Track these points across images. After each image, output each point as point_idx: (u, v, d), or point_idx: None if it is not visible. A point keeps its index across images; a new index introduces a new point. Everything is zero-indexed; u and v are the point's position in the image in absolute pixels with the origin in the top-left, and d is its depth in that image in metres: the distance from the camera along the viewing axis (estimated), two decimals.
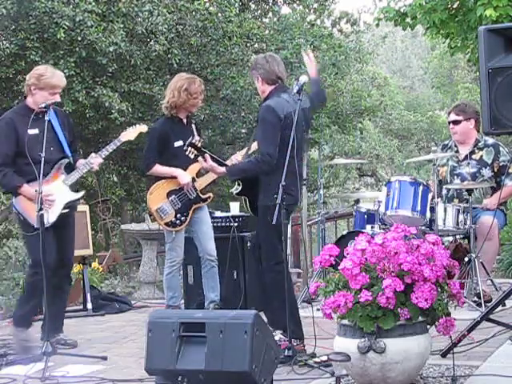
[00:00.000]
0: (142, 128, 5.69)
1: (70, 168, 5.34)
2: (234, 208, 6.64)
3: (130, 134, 5.63)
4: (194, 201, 5.92)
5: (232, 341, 3.56)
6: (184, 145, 5.73)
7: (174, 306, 6.01)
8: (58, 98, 5.29)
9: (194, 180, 5.89)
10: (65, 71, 8.70)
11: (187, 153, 4.97)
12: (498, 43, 4.20)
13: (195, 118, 10.11)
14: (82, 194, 5.58)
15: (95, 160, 5.38)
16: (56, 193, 5.23)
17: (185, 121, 5.96)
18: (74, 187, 5.41)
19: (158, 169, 5.85)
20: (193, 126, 6.00)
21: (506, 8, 7.93)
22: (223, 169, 4.84)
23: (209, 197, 6.00)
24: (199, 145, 4.83)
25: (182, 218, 5.89)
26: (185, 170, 5.83)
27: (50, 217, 5.18)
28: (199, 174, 5.94)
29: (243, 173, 4.81)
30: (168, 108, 5.88)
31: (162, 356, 3.68)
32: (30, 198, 5.12)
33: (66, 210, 5.29)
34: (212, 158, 4.87)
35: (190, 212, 5.92)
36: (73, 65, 8.76)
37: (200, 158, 4.88)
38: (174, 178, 5.85)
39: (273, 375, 3.79)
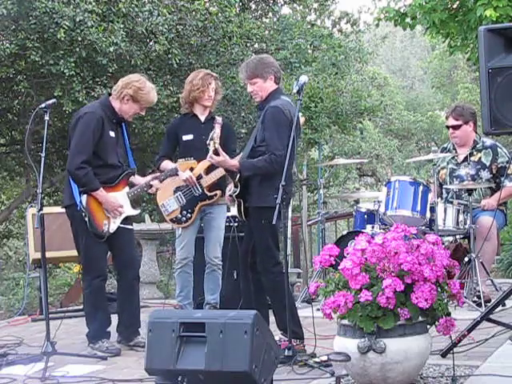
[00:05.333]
0: (193, 163, 5.81)
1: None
2: (235, 208, 6.63)
3: (183, 165, 5.78)
4: (200, 198, 5.91)
5: (232, 341, 3.56)
6: (193, 139, 5.88)
7: (180, 306, 6.00)
8: (143, 112, 5.38)
9: (201, 177, 5.88)
10: (65, 71, 8.72)
11: (209, 146, 4.96)
12: (498, 43, 4.20)
13: None
14: (138, 211, 5.59)
15: (155, 183, 5.46)
16: (123, 203, 5.26)
17: (202, 117, 5.97)
18: None
19: (163, 164, 5.88)
20: (216, 125, 5.70)
21: (506, 8, 7.93)
22: (236, 162, 4.80)
23: (215, 194, 5.96)
24: (217, 140, 4.86)
25: (188, 215, 5.88)
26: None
27: (112, 226, 5.20)
28: (208, 171, 5.91)
29: (257, 170, 4.70)
30: (182, 104, 6.08)
31: (162, 356, 3.68)
32: (100, 203, 5.12)
33: (124, 226, 5.27)
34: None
35: (196, 209, 5.91)
36: (73, 65, 8.74)
37: (210, 154, 4.84)
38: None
39: (273, 375, 3.79)
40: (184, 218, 5.89)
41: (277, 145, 4.64)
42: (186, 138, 5.93)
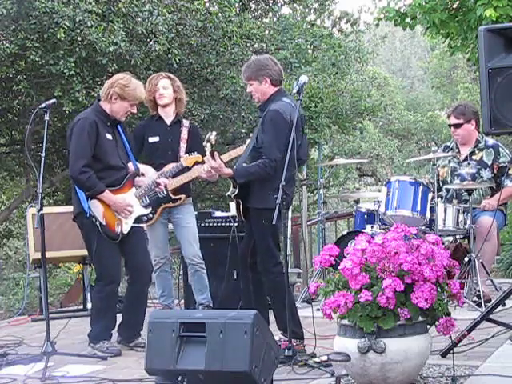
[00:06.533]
0: (198, 157, 5.76)
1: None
2: (234, 208, 6.62)
3: (188, 160, 5.75)
4: (164, 200, 5.90)
5: (232, 341, 3.56)
6: (159, 141, 5.89)
7: (165, 305, 6.00)
8: (134, 110, 5.31)
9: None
10: (65, 71, 8.71)
11: (205, 148, 4.96)
12: (498, 43, 4.20)
13: (195, 117, 10.13)
14: (150, 210, 5.59)
15: (163, 180, 5.47)
16: (132, 203, 5.25)
17: (168, 120, 5.98)
18: None
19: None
20: (183, 128, 5.94)
21: (506, 8, 7.93)
22: (230, 170, 4.77)
23: (179, 198, 5.95)
24: (213, 142, 4.85)
25: (150, 215, 5.85)
26: (159, 166, 5.74)
27: (124, 227, 5.19)
28: (175, 175, 5.88)
29: (251, 176, 4.70)
30: None
31: (162, 356, 3.68)
32: (108, 205, 5.11)
33: (136, 225, 5.27)
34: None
35: (159, 210, 5.91)
36: (73, 65, 8.74)
37: (207, 156, 4.83)
38: None
39: (273, 375, 3.79)
40: (145, 218, 5.87)
41: (272, 150, 4.65)
42: (151, 139, 5.93)
